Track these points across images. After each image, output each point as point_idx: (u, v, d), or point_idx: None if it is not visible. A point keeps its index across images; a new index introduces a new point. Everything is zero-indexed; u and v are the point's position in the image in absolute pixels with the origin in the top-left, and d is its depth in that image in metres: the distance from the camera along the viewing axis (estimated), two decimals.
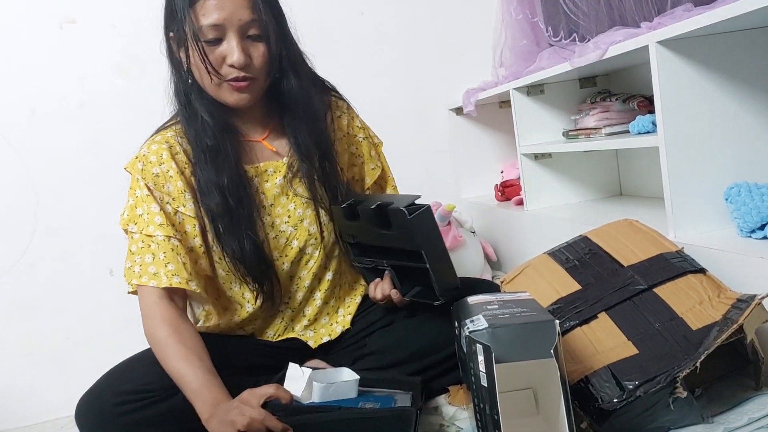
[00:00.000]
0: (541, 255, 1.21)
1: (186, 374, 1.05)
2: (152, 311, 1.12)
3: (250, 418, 0.93)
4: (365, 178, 1.37)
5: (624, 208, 1.76)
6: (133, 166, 1.20)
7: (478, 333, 0.85)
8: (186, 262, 1.15)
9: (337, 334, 1.30)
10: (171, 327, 1.10)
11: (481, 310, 0.94)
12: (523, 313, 0.89)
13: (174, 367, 1.06)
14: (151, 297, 1.13)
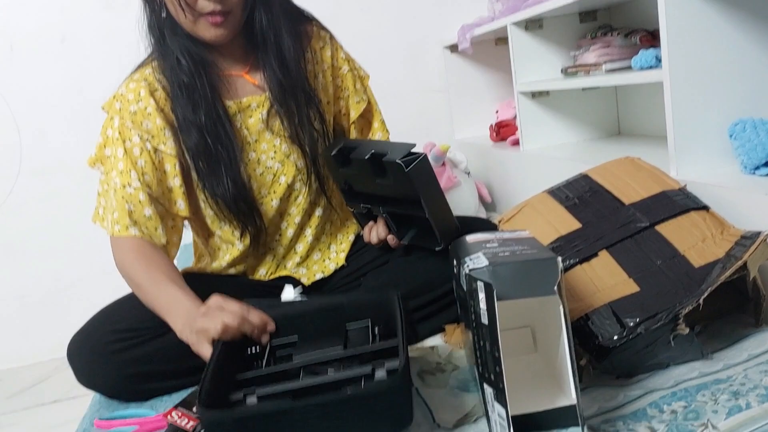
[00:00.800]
0: (541, 194, 1.18)
1: (155, 293, 1.05)
2: (119, 242, 1.13)
3: (223, 324, 0.92)
4: (350, 112, 1.33)
5: (623, 147, 1.73)
6: (111, 106, 1.18)
7: (478, 271, 0.82)
8: (135, 210, 1.13)
9: (330, 271, 1.28)
10: (138, 252, 1.11)
11: (481, 248, 0.91)
12: (523, 251, 0.87)
13: (143, 289, 1.07)
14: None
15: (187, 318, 0.98)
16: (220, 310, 0.95)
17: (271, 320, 0.98)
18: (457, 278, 0.94)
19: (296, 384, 0.87)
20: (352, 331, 1.00)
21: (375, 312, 1.01)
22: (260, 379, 0.91)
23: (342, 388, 0.86)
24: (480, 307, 0.80)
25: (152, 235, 1.14)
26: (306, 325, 1.00)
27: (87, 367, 1.07)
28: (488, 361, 0.80)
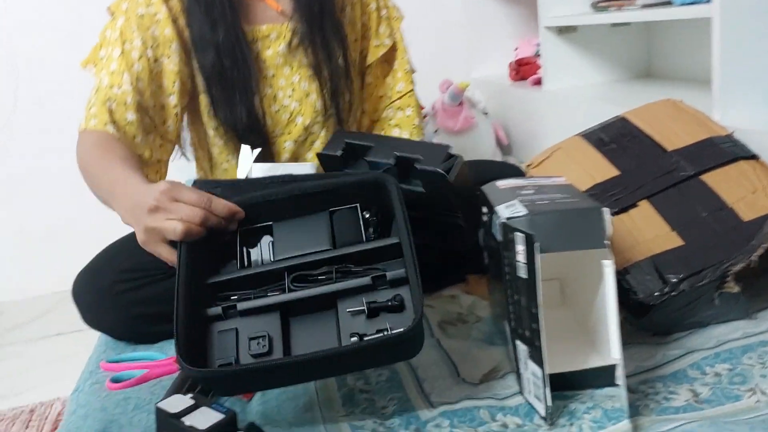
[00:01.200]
0: (573, 137, 1.10)
1: (101, 175, 0.93)
2: (86, 136, 1.03)
3: (183, 224, 0.76)
4: (368, 56, 1.23)
5: (656, 89, 1.64)
6: (117, 6, 1.09)
7: (516, 220, 0.76)
8: (117, 111, 1.03)
9: None
10: (102, 143, 1.00)
11: (516, 195, 0.84)
12: (564, 199, 0.81)
13: (92, 177, 0.96)
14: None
15: (130, 202, 0.83)
16: (174, 201, 0.78)
17: (239, 209, 0.82)
18: (487, 226, 0.88)
19: (285, 297, 0.78)
20: (338, 219, 0.85)
21: (363, 197, 0.85)
22: (237, 283, 0.81)
23: (339, 301, 0.78)
24: (517, 260, 0.74)
25: (130, 143, 1.04)
26: (280, 211, 0.85)
27: (93, 307, 1.02)
28: (523, 316, 0.74)
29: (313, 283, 0.79)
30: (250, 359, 0.76)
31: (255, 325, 0.78)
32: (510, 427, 0.75)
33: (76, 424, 0.86)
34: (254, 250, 0.84)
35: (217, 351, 0.77)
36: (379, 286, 0.78)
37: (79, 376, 1.04)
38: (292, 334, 0.79)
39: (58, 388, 1.85)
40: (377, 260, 0.80)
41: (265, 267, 0.81)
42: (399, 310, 0.77)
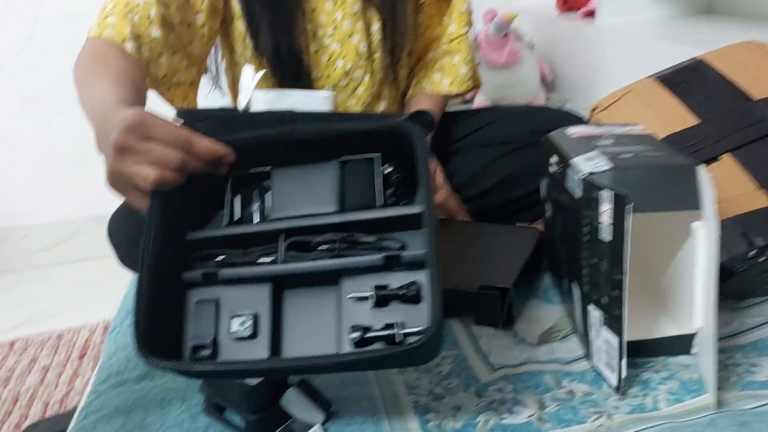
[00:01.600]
0: (645, 79, 1.01)
1: (86, 91, 0.77)
2: (92, 43, 0.88)
3: (156, 171, 0.59)
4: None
5: (720, 26, 1.52)
6: None
7: (600, 176, 0.69)
8: (140, 25, 0.88)
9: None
10: (103, 53, 0.85)
11: (593, 145, 0.77)
12: (650, 152, 0.73)
13: (78, 91, 0.79)
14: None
15: (99, 130, 0.67)
16: (145, 140, 0.60)
17: (226, 149, 0.64)
18: (556, 179, 0.81)
19: (278, 268, 0.65)
20: (350, 173, 0.68)
21: (384, 148, 0.68)
22: (222, 242, 0.67)
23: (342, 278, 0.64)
24: (601, 221, 0.67)
25: (151, 60, 0.89)
26: (281, 156, 0.68)
27: (131, 248, 0.97)
28: (601, 282, 0.69)
29: (312, 252, 0.65)
30: (230, 342, 0.63)
31: (240, 298, 0.65)
32: (577, 394, 0.71)
33: (117, 367, 0.83)
34: (246, 202, 0.69)
35: (192, 326, 0.64)
36: (392, 267, 0.64)
37: (114, 315, 1.01)
38: (283, 311, 0.66)
39: (84, 314, 1.85)
40: (394, 230, 0.66)
41: (256, 227, 0.67)
42: (414, 300, 0.62)
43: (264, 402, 0.69)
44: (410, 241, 0.65)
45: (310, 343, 0.64)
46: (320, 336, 0.64)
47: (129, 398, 0.77)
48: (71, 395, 1.53)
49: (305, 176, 0.68)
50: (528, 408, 0.69)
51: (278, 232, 0.66)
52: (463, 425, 0.67)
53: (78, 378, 1.60)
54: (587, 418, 0.66)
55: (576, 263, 0.74)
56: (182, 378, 0.70)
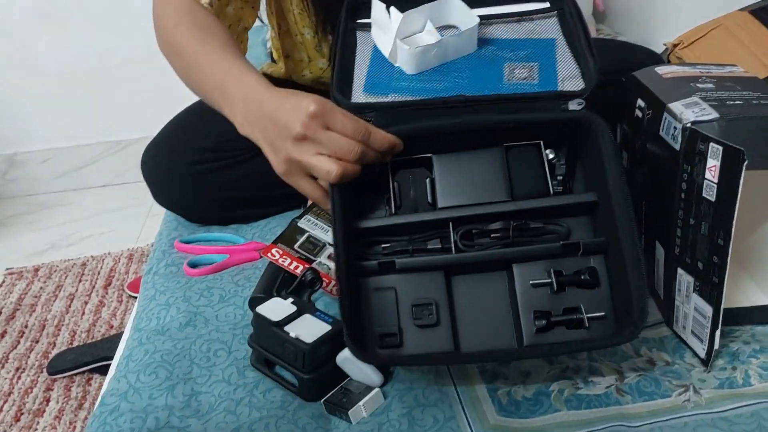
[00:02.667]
0: (736, 12, 0.91)
1: (203, 63, 0.72)
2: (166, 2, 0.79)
3: (339, 164, 0.59)
4: None
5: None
6: None
7: (706, 125, 0.61)
8: None
9: None
10: (189, 13, 0.77)
11: (692, 89, 0.68)
12: (761, 99, 0.65)
13: (187, 59, 0.74)
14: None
15: (252, 110, 0.65)
16: (326, 130, 0.60)
17: (400, 142, 0.64)
18: (644, 125, 0.72)
19: (452, 258, 0.65)
20: (515, 159, 0.67)
21: (548, 135, 0.68)
22: (391, 230, 0.67)
23: (514, 265, 0.64)
24: (706, 177, 0.60)
25: (219, 11, 0.81)
26: (443, 141, 0.68)
27: (167, 187, 0.91)
28: (698, 244, 0.62)
29: (484, 239, 0.65)
30: (415, 329, 0.63)
31: (416, 286, 0.65)
32: (658, 364, 0.65)
33: (157, 312, 0.78)
34: (407, 188, 0.68)
35: (375, 315, 0.64)
36: (567, 254, 0.64)
37: (150, 254, 0.95)
38: (455, 297, 0.65)
39: (107, 242, 1.81)
40: (558, 216, 0.66)
41: (427, 215, 0.66)
42: (591, 286, 0.63)
43: (321, 361, 0.64)
44: (573, 226, 0.66)
45: (488, 329, 0.64)
46: (496, 322, 0.65)
47: (173, 347, 0.72)
48: (98, 324, 1.51)
49: (469, 163, 0.67)
50: (605, 377, 0.63)
51: (447, 221, 0.66)
52: (534, 394, 0.62)
53: (104, 307, 1.58)
54: (671, 392, 0.61)
55: (664, 221, 0.67)
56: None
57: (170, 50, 0.78)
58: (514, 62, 0.70)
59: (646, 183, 0.73)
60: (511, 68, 0.70)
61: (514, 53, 0.71)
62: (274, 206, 0.96)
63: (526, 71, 0.69)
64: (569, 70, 0.69)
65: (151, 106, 2.00)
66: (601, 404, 0.60)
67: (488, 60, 0.71)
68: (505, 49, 0.72)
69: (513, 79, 0.69)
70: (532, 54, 0.71)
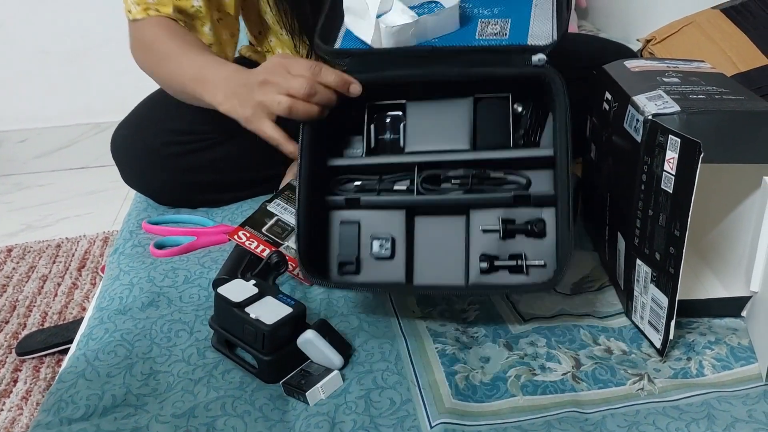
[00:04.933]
0: (709, 10, 0.92)
1: (182, 61, 0.78)
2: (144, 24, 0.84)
3: (288, 98, 0.65)
4: None
5: None
6: None
7: (666, 118, 0.61)
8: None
9: None
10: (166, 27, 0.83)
11: (657, 83, 0.69)
12: (724, 95, 0.65)
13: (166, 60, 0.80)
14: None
15: (231, 84, 0.72)
16: (284, 73, 0.67)
17: (353, 80, 0.68)
18: (610, 118, 0.73)
19: (413, 198, 0.70)
20: (482, 110, 0.71)
21: (517, 90, 0.71)
22: (361, 170, 0.72)
23: (471, 210, 0.69)
24: (665, 169, 0.60)
25: (199, 32, 0.87)
26: (417, 90, 0.73)
27: (137, 169, 0.90)
28: (656, 235, 0.62)
29: (445, 184, 0.70)
30: (372, 261, 0.70)
31: (378, 221, 0.71)
32: (615, 353, 0.66)
33: (120, 292, 0.78)
34: (383, 131, 0.74)
35: (338, 245, 0.71)
36: (520, 204, 0.68)
37: (117, 234, 0.95)
38: (415, 235, 0.71)
39: (83, 224, 1.80)
40: (520, 168, 0.69)
41: (393, 158, 0.72)
42: (538, 235, 0.67)
43: (280, 343, 0.64)
44: (534, 178, 0.68)
45: (440, 267, 0.69)
46: (449, 261, 0.69)
47: (134, 326, 0.72)
48: (70, 306, 1.50)
49: (439, 111, 0.71)
50: (562, 365, 0.64)
51: (413, 165, 0.70)
52: (491, 379, 0.63)
53: (77, 290, 1.56)
54: (626, 380, 0.62)
55: (625, 212, 0.68)
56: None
57: (143, 47, 0.83)
58: (489, 18, 0.74)
59: (610, 174, 0.73)
60: (484, 24, 0.73)
61: (489, 10, 0.75)
62: (245, 191, 0.96)
63: (498, 27, 0.72)
64: (541, 28, 0.70)
65: (133, 88, 1.97)
66: (557, 390, 0.61)
67: (465, 17, 0.74)
68: (483, 6, 0.75)
69: (485, 34, 0.71)
70: (507, 11, 0.74)
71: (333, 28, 0.74)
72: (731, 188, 0.68)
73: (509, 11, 0.73)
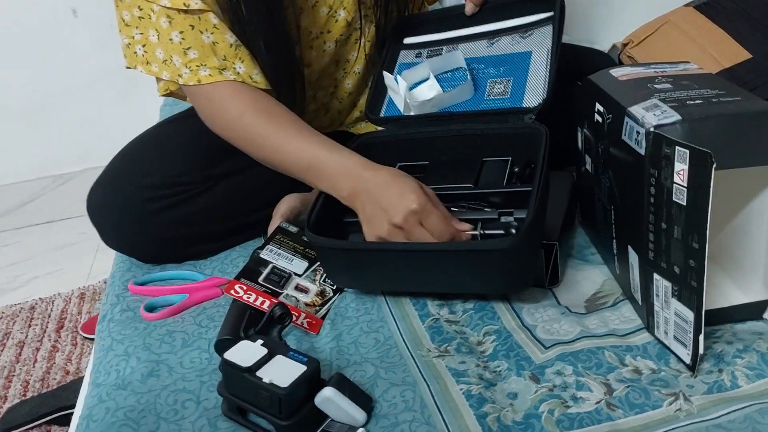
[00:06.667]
0: (682, 8, 0.91)
1: (294, 146, 0.77)
2: (212, 91, 0.80)
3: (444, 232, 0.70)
4: None
5: None
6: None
7: (670, 128, 0.60)
8: (217, 41, 0.80)
9: None
10: (247, 100, 0.80)
11: (649, 91, 0.68)
12: (721, 98, 0.64)
13: (270, 144, 0.78)
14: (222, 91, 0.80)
15: (354, 184, 0.73)
16: (418, 227, 0.70)
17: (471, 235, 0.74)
18: (606, 130, 0.72)
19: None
20: (487, 167, 0.83)
21: (517, 147, 0.82)
22: None
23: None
24: (675, 182, 0.58)
25: (251, 74, 0.81)
26: (438, 149, 0.86)
27: (119, 229, 0.85)
28: (673, 249, 0.61)
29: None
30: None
31: None
32: (644, 372, 0.64)
33: (116, 364, 0.73)
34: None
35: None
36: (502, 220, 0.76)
37: (103, 299, 0.90)
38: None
39: (55, 281, 1.73)
40: (512, 206, 0.77)
41: None
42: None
43: (298, 405, 0.60)
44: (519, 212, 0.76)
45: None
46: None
47: (137, 402, 0.67)
48: (53, 371, 1.43)
49: (453, 166, 0.84)
50: (593, 392, 0.62)
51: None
52: (524, 417, 0.60)
53: (58, 352, 1.49)
54: (662, 401, 0.60)
55: (634, 226, 0.66)
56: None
57: (242, 141, 0.81)
58: (496, 78, 0.88)
59: (612, 187, 0.72)
60: (492, 84, 0.87)
61: (496, 69, 0.88)
62: (233, 237, 0.92)
63: (502, 86, 0.86)
64: (535, 84, 0.84)
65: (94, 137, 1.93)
66: (593, 422, 0.59)
67: (477, 78, 0.88)
68: (492, 66, 0.89)
69: (492, 94, 0.86)
70: (510, 69, 0.87)
71: (378, 101, 0.91)
72: (738, 190, 0.67)
73: (512, 70, 0.87)
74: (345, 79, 0.97)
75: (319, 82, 0.95)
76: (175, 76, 0.79)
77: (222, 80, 0.79)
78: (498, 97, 0.86)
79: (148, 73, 0.80)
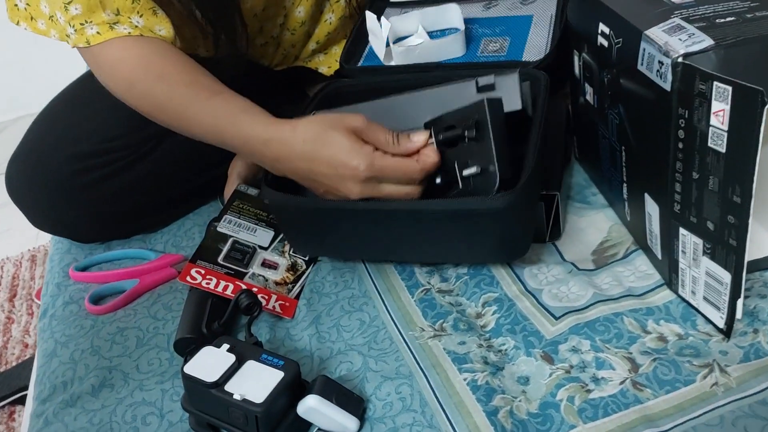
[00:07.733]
0: None
1: (207, 110, 0.64)
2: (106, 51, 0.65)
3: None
4: None
5: None
6: None
7: (699, 57, 0.49)
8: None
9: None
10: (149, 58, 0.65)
11: (668, 7, 0.56)
12: (754, 10, 0.53)
13: (188, 110, 0.64)
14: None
15: (288, 166, 0.61)
16: (380, 184, 0.59)
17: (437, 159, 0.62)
18: (612, 56, 0.60)
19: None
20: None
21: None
22: None
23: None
24: (712, 124, 0.48)
25: (152, 28, 0.66)
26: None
27: (46, 208, 0.73)
28: (706, 202, 0.51)
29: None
30: None
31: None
32: (670, 340, 0.56)
33: (62, 374, 0.63)
34: None
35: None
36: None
37: (42, 289, 0.78)
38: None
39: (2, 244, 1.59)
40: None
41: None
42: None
43: (279, 417, 0.52)
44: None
45: None
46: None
47: (89, 423, 0.58)
48: (10, 346, 1.33)
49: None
50: (617, 371, 0.54)
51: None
52: (540, 407, 0.52)
53: (14, 324, 1.39)
54: (694, 375, 0.52)
55: (655, 172, 0.56)
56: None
57: (144, 109, 0.66)
58: (491, 37, 0.79)
59: (624, 125, 0.61)
60: (487, 42, 0.79)
61: (492, 29, 0.81)
62: (183, 205, 0.80)
63: (498, 45, 0.78)
64: (536, 44, 0.76)
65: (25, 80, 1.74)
66: (620, 407, 0.51)
67: (471, 37, 0.80)
68: (488, 27, 0.82)
69: (485, 51, 0.77)
70: (508, 29, 0.80)
71: (357, 50, 0.82)
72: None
73: (510, 31, 0.80)
74: (295, 7, 0.83)
75: (265, 13, 0.80)
76: (63, 36, 0.64)
77: (113, 36, 0.63)
78: (493, 54, 0.76)
79: (35, 31, 0.65)
